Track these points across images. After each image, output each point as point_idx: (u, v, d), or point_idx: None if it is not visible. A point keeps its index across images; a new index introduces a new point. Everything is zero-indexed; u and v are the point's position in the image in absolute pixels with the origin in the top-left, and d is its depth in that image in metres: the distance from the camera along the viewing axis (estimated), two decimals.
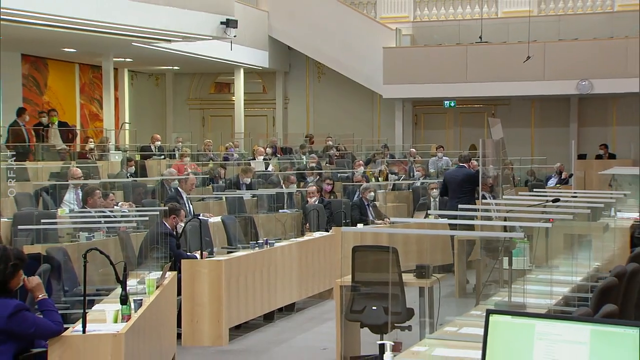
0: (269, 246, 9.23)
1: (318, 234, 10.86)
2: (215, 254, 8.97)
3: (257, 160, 16.89)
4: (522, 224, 5.94)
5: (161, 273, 6.68)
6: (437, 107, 21.93)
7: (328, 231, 11.29)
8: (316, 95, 23.70)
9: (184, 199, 10.96)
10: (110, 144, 16.70)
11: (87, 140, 16.70)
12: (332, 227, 11.45)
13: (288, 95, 23.93)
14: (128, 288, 5.43)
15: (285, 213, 12.34)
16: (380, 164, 17.35)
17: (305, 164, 17.13)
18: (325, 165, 17.54)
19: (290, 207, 12.87)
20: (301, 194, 13.44)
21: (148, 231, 8.30)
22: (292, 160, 17.56)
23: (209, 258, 8.43)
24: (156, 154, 16.65)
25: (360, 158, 18.24)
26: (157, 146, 16.99)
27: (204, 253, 8.41)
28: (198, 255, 8.37)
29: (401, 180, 16.34)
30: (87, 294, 5.02)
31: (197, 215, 10.07)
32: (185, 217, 9.03)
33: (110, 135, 17.64)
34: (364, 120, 22.98)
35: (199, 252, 8.39)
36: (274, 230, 11.24)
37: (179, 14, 15.87)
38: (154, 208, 9.22)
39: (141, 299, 5.68)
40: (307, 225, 11.87)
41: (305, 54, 22.67)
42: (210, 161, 16.69)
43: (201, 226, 8.64)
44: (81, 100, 20.50)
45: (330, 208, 12.64)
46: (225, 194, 12.68)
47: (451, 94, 20.68)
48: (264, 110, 24.21)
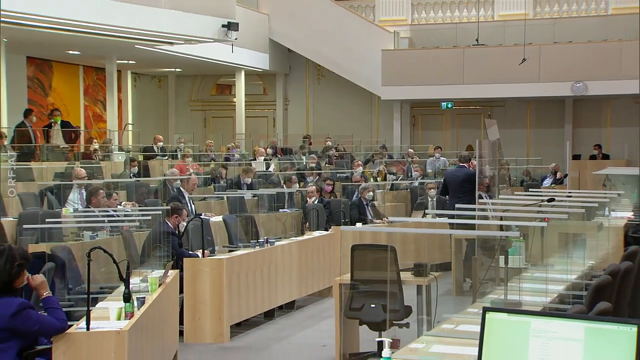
0: (269, 245, 9.25)
1: (318, 233, 10.88)
2: (216, 252, 9.01)
3: (258, 161, 16.85)
4: (518, 223, 6.02)
5: (163, 271, 6.69)
6: (435, 109, 21.93)
7: (327, 230, 11.31)
8: (316, 97, 23.73)
9: (186, 199, 10.94)
10: (114, 145, 16.69)
11: (91, 141, 16.61)
12: (332, 227, 11.45)
13: (288, 96, 23.96)
14: (131, 286, 5.43)
15: (286, 212, 12.35)
16: (379, 164, 17.34)
17: (305, 164, 17.11)
18: (325, 165, 17.50)
19: (290, 207, 12.88)
20: (301, 194, 13.43)
21: (151, 230, 8.28)
22: (292, 161, 17.50)
23: (210, 257, 8.46)
24: (159, 154, 16.63)
25: (359, 158, 18.12)
26: (160, 147, 16.96)
27: (205, 252, 8.43)
28: (200, 254, 8.38)
29: (399, 180, 16.26)
30: (91, 292, 5.02)
31: (199, 215, 10.09)
32: (187, 217, 9.04)
33: (113, 136, 17.65)
34: (362, 121, 22.99)
35: (201, 251, 8.41)
36: (274, 230, 11.25)
37: (181, 17, 15.87)
38: (157, 207, 9.21)
39: (144, 297, 5.70)
40: (307, 224, 11.90)
41: (305, 56, 22.69)
42: (212, 161, 16.63)
43: (203, 225, 8.67)
44: (85, 102, 20.56)
45: (329, 207, 12.63)
46: (227, 194, 12.67)
47: (448, 96, 20.72)
48: (265, 111, 24.24)
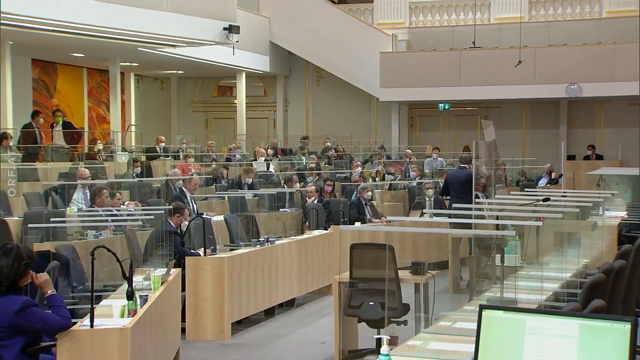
0: (269, 244, 9.30)
1: (317, 232, 10.93)
2: (218, 251, 9.10)
3: (259, 161, 16.86)
4: (514, 222, 6.03)
5: (166, 270, 6.73)
6: (432, 110, 22.03)
7: (327, 229, 11.33)
8: (315, 98, 23.79)
9: (188, 199, 10.99)
10: (117, 146, 16.68)
11: (95, 142, 16.61)
12: (331, 226, 11.47)
13: (288, 98, 24.02)
14: (134, 284, 5.48)
15: (286, 212, 12.42)
16: (377, 165, 17.38)
17: (304, 164, 17.15)
18: (324, 165, 17.54)
19: (290, 206, 12.94)
20: (301, 194, 13.49)
21: (153, 229, 8.28)
22: (292, 161, 17.51)
23: (212, 255, 8.52)
24: (161, 155, 16.68)
25: (358, 159, 18.16)
26: (162, 147, 17.00)
27: (207, 250, 8.48)
28: (201, 253, 8.44)
29: (397, 180, 16.26)
30: (95, 290, 5.06)
31: (201, 214, 10.00)
32: (189, 216, 9.08)
33: (116, 137, 17.69)
34: (361, 122, 23.06)
35: (203, 250, 8.46)
36: (274, 229, 11.29)
37: (183, 21, 15.91)
38: (159, 207, 9.24)
39: (147, 295, 5.72)
40: (307, 223, 11.95)
41: (305, 58, 22.75)
42: (213, 162, 16.67)
43: (204, 224, 8.74)
44: (89, 104, 20.63)
45: (329, 207, 12.68)
46: (228, 194, 12.70)
47: (445, 97, 20.80)
48: (265, 112, 24.29)
